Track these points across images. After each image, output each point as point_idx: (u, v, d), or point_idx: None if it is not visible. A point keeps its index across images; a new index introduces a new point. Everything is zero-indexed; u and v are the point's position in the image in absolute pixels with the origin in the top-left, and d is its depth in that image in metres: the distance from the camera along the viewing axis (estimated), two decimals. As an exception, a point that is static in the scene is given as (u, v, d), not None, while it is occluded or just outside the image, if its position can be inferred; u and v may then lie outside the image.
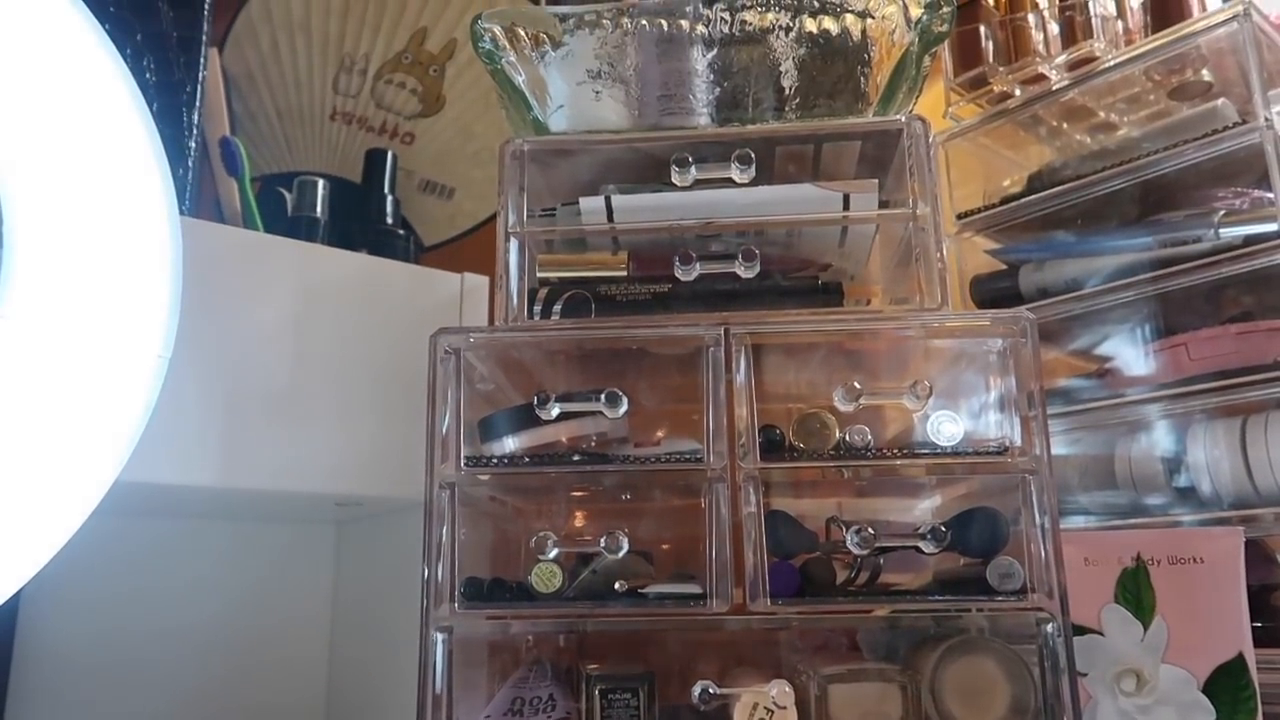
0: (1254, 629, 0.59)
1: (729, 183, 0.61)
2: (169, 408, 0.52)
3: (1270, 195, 0.73)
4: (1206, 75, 0.82)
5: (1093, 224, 0.84)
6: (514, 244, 0.62)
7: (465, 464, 0.57)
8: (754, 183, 0.61)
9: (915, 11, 0.63)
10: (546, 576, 0.55)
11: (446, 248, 1.03)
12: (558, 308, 0.61)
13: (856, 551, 0.54)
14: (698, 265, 0.60)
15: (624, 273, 0.63)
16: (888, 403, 0.59)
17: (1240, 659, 0.59)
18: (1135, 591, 0.60)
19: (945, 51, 0.94)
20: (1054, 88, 0.87)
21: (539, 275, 0.63)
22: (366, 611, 0.81)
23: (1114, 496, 0.79)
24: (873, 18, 0.64)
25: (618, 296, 0.62)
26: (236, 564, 0.82)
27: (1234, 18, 0.76)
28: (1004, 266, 0.89)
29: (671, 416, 0.66)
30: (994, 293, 0.89)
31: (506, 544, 0.67)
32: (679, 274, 0.60)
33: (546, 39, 0.65)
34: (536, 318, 0.61)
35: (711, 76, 0.65)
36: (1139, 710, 0.59)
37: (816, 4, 0.63)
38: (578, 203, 0.63)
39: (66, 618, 0.74)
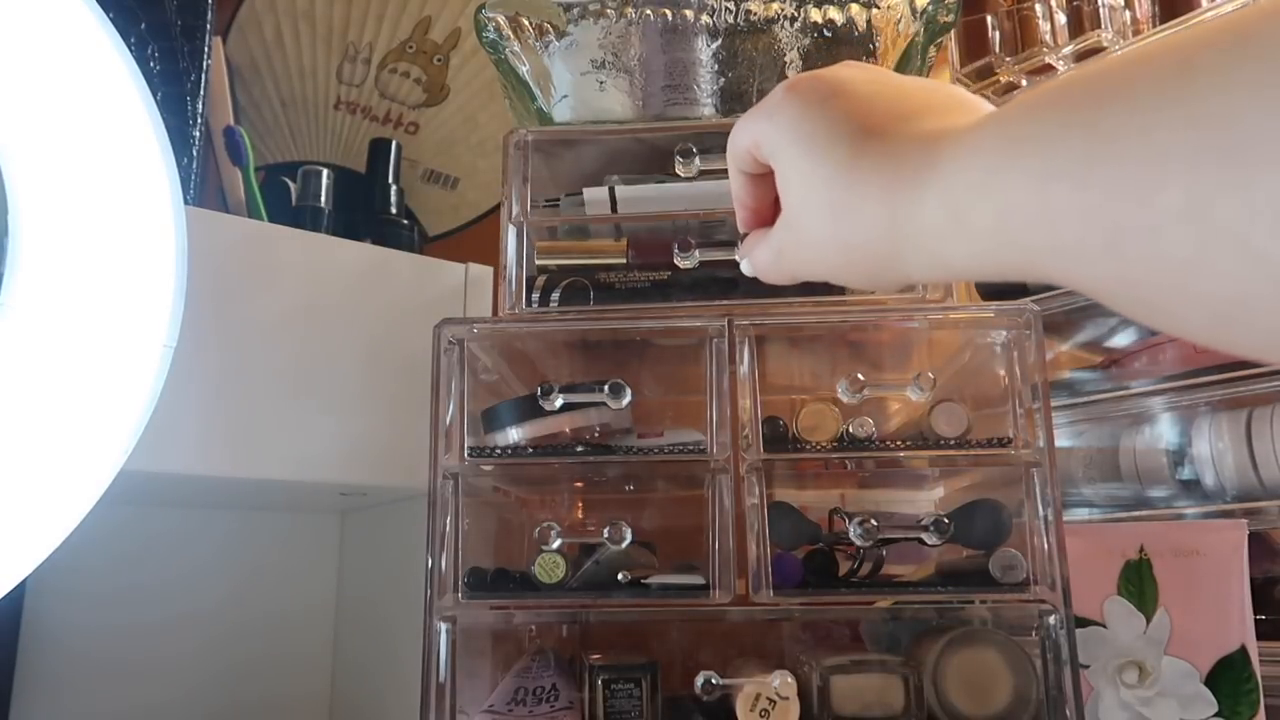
0: (1257, 622, 0.59)
1: (733, 173, 0.61)
2: (173, 397, 0.52)
3: (1277, 187, 0.73)
4: (1214, 66, 0.82)
5: (1099, 215, 0.83)
6: (518, 234, 0.62)
7: (469, 454, 0.57)
8: (758, 173, 0.61)
9: (921, 1, 0.63)
10: (550, 567, 0.55)
11: (451, 238, 1.03)
12: (556, 295, 0.61)
13: (859, 543, 0.54)
14: (697, 253, 0.60)
15: (623, 260, 0.63)
16: (891, 394, 0.59)
17: (1243, 651, 0.59)
18: (1138, 584, 0.60)
19: (951, 41, 0.93)
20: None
21: (537, 262, 0.63)
22: (370, 601, 0.81)
23: (1118, 489, 0.79)
24: (878, 7, 0.63)
25: (616, 284, 0.61)
26: (240, 553, 0.82)
27: (1242, 8, 0.75)
28: (1009, 258, 0.89)
29: (675, 407, 0.66)
30: (999, 284, 0.88)
31: (510, 534, 0.67)
32: (679, 262, 0.60)
33: (550, 29, 0.64)
34: (535, 305, 0.61)
35: (716, 67, 0.65)
36: (1141, 702, 0.59)
37: (822, -6, 0.63)
38: (581, 193, 0.63)
39: (71, 606, 0.74)
